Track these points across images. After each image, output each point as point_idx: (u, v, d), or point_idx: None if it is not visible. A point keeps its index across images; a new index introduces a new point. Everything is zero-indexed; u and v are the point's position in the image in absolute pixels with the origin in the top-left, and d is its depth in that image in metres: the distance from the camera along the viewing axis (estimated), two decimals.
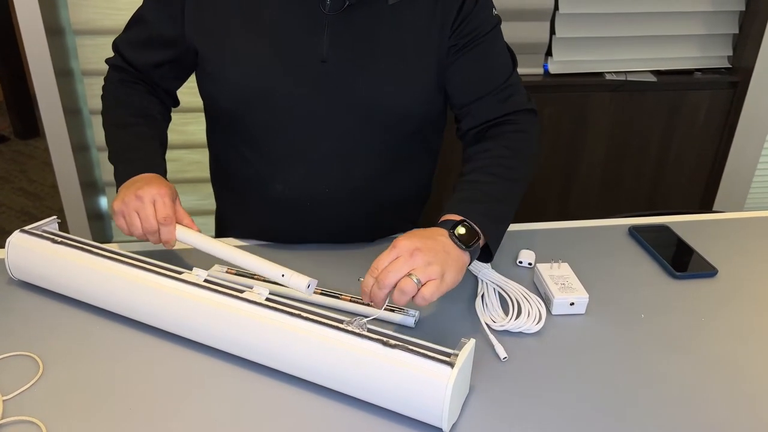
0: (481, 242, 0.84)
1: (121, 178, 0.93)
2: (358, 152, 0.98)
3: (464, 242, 0.80)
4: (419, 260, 0.75)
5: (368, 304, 0.81)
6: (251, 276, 0.93)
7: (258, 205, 1.04)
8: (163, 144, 1.02)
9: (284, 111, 0.94)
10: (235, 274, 0.94)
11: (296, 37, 0.92)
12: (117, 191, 0.92)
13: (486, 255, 0.88)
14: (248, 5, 0.92)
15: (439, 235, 0.80)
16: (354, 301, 0.89)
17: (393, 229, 1.09)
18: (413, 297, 0.74)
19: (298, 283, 0.79)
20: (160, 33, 0.97)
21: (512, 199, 0.92)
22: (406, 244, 0.76)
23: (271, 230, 1.05)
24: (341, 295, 0.90)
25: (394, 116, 0.97)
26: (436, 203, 1.07)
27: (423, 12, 0.94)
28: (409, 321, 0.86)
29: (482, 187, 0.90)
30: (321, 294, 0.90)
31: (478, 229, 0.83)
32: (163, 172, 0.95)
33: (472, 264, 0.92)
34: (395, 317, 0.87)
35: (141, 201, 0.86)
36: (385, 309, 0.83)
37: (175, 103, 1.10)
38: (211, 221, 1.22)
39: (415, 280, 0.73)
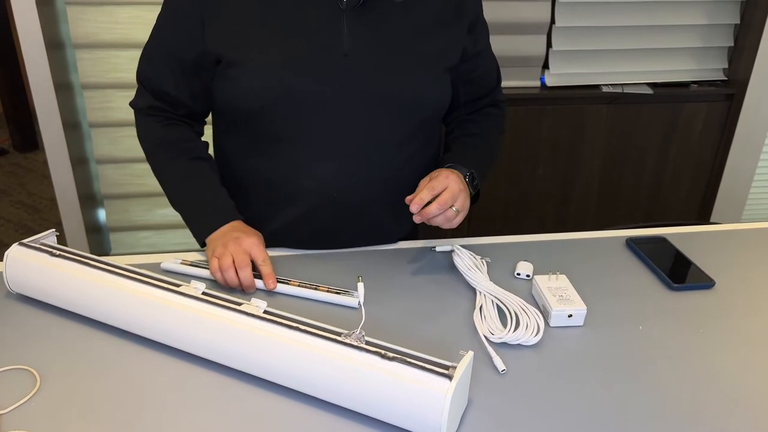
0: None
1: (205, 231, 1.00)
2: (381, 139, 1.02)
3: (473, 188, 1.03)
4: (462, 199, 0.96)
5: (316, 288, 0.95)
6: (206, 267, 0.98)
7: (284, 207, 1.06)
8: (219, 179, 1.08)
9: (310, 106, 0.97)
10: (190, 265, 0.99)
11: (317, 33, 0.96)
12: (201, 239, 1.01)
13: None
14: (266, 7, 0.95)
15: (462, 180, 0.99)
16: (303, 286, 0.95)
17: (409, 220, 1.15)
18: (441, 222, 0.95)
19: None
20: (188, 53, 0.99)
21: (492, 163, 1.15)
22: (455, 185, 0.95)
23: (300, 231, 1.07)
24: (290, 280, 0.97)
25: (414, 103, 1.02)
26: None
27: (434, 3, 1.01)
28: (354, 302, 0.93)
29: (479, 152, 1.11)
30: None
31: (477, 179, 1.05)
32: (239, 215, 1.03)
33: (469, 277, 0.98)
34: (340, 299, 0.93)
35: (240, 248, 0.95)
36: (329, 291, 0.94)
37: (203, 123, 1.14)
38: None
39: (455, 210, 0.95)
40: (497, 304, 0.93)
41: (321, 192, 1.03)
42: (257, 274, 0.95)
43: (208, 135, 1.10)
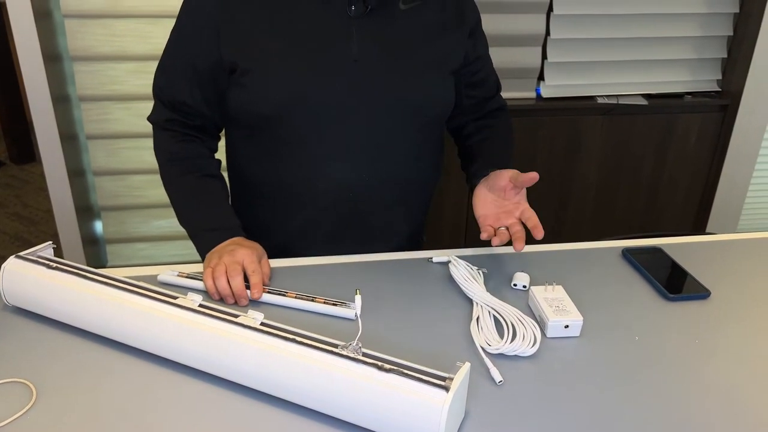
0: None
1: (207, 247, 1.02)
2: (390, 141, 1.05)
3: None
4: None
5: (313, 299, 0.94)
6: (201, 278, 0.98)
7: (297, 210, 1.08)
8: (228, 196, 1.10)
9: (322, 111, 1.00)
10: (187, 277, 0.99)
11: (328, 41, 0.99)
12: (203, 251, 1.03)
13: None
14: (278, 17, 0.98)
15: None
16: (299, 298, 0.94)
17: (416, 219, 1.18)
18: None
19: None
20: (203, 63, 1.01)
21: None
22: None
23: (311, 233, 1.09)
24: (287, 292, 0.96)
25: (421, 105, 1.06)
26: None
27: (435, 8, 1.06)
28: (350, 314, 0.92)
29: (506, 153, 1.16)
30: (268, 293, 0.95)
31: None
32: (242, 232, 1.05)
33: (466, 288, 0.98)
34: (337, 311, 0.92)
35: (233, 259, 0.95)
36: (326, 303, 0.93)
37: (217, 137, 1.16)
38: None
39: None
40: (494, 315, 0.93)
41: (333, 194, 1.05)
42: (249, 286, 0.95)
43: (221, 148, 1.12)
